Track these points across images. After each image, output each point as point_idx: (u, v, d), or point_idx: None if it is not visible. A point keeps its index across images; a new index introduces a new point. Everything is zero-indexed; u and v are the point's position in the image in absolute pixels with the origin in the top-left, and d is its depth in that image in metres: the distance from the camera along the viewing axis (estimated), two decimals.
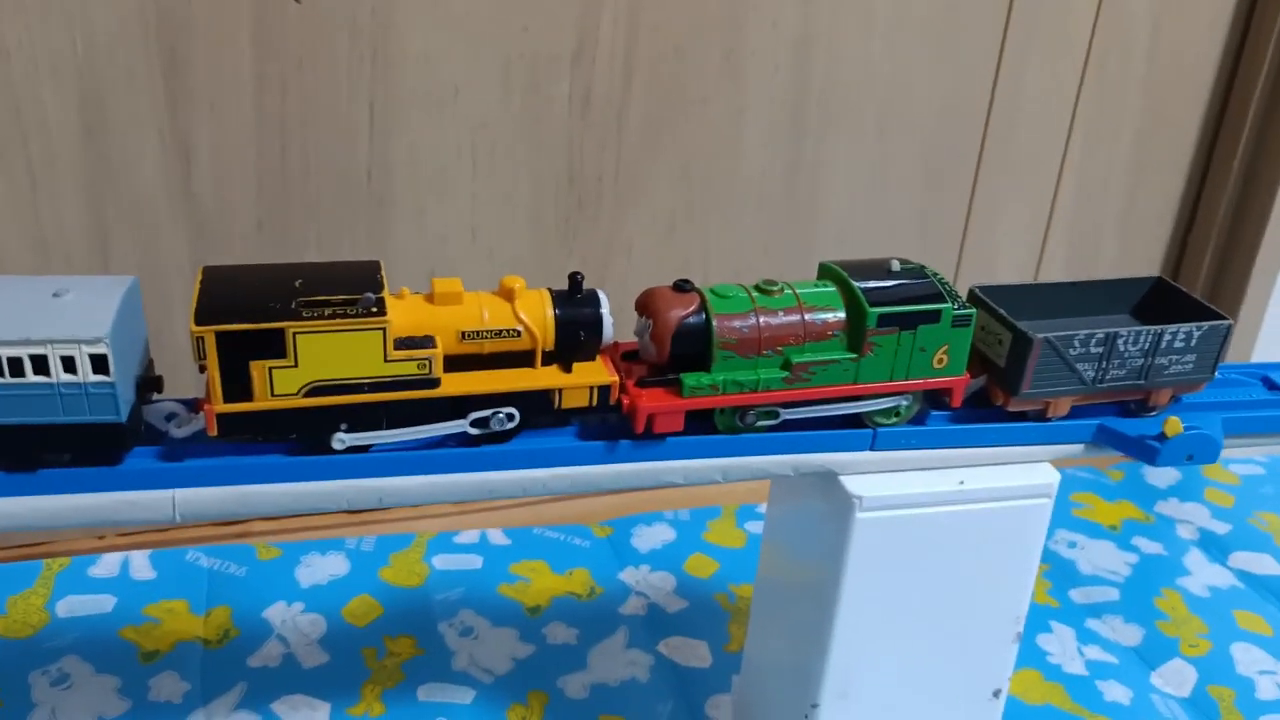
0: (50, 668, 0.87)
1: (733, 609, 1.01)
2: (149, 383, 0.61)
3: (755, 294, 0.65)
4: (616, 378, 0.63)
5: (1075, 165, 1.23)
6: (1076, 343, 0.68)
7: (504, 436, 0.62)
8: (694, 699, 0.90)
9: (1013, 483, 0.69)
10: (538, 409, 0.62)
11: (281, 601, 0.96)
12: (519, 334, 0.62)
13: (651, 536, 1.11)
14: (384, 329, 0.57)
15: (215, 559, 1.00)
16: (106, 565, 0.98)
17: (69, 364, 0.54)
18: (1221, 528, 1.21)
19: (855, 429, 0.67)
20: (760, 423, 0.65)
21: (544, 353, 0.63)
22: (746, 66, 1.05)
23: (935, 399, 0.70)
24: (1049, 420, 0.70)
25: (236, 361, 0.56)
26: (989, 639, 0.74)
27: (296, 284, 0.57)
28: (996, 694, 0.76)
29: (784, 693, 0.76)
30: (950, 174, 1.19)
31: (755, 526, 1.13)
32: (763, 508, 1.15)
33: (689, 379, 0.63)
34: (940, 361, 0.67)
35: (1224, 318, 0.72)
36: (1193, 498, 1.26)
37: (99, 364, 0.54)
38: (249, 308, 0.56)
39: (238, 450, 0.61)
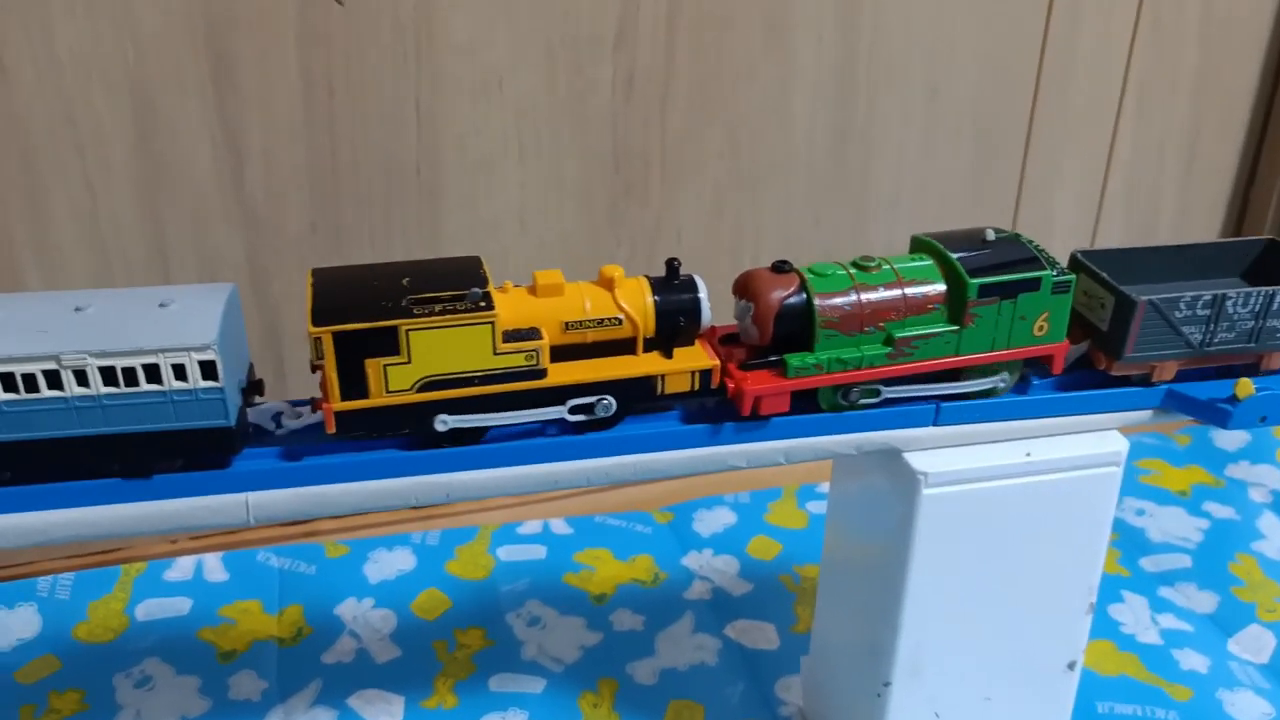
0: (133, 670, 0.89)
1: (798, 590, 1.01)
2: (252, 386, 0.63)
3: (854, 271, 0.65)
4: (717, 361, 0.64)
5: (1130, 123, 1.21)
6: (1182, 305, 0.67)
7: (607, 423, 0.63)
8: (764, 681, 0.90)
9: (1080, 452, 0.68)
10: (641, 395, 0.63)
11: (352, 598, 0.97)
12: (620, 322, 0.62)
13: (712, 520, 1.10)
14: (493, 323, 0.59)
15: (285, 559, 1.02)
16: (181, 569, 1.00)
17: (180, 371, 0.56)
18: None
19: (920, 405, 0.67)
20: (863, 400, 0.65)
21: (645, 339, 0.63)
22: (791, 36, 1.04)
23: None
24: (1153, 384, 0.69)
25: (352, 360, 0.58)
26: (1062, 611, 0.73)
27: (404, 282, 0.59)
28: (1071, 666, 0.75)
29: (855, 672, 0.75)
30: (1002, 136, 1.17)
31: (816, 506, 1.13)
32: (823, 487, 1.14)
33: (793, 359, 0.63)
34: (1041, 329, 0.66)
35: None
36: (1265, 460, 1.24)
37: (208, 370, 0.56)
38: (363, 307, 0.57)
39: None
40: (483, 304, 0.59)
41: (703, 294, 0.64)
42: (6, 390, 0.55)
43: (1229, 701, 0.89)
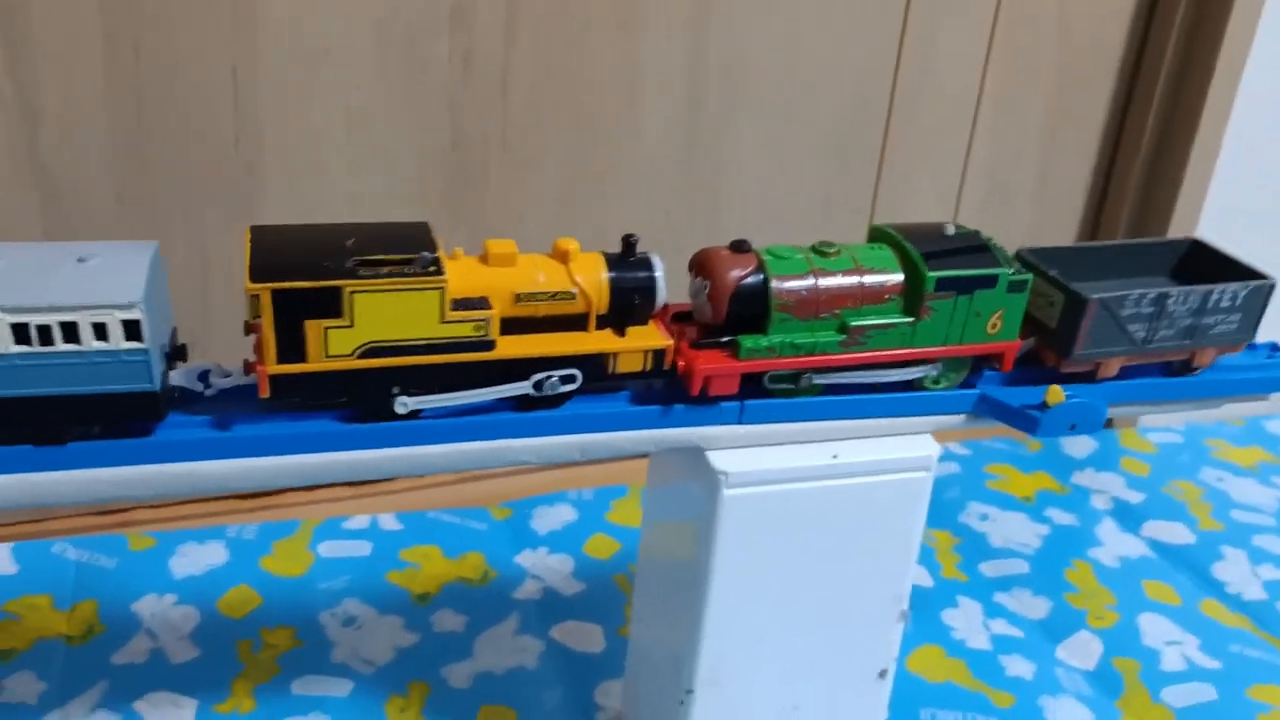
0: None
1: (631, 591, 0.98)
2: (176, 352, 0.59)
3: (812, 256, 0.64)
4: (671, 341, 0.62)
5: (985, 137, 1.20)
6: (1129, 303, 0.67)
7: (558, 400, 0.62)
8: (584, 686, 0.87)
9: (890, 456, 0.66)
10: (591, 373, 0.61)
11: (153, 594, 0.91)
12: (573, 296, 0.61)
13: (552, 517, 1.07)
14: (442, 289, 0.56)
15: (84, 550, 0.95)
16: None
17: (100, 331, 0.52)
18: (1136, 497, 1.19)
19: (725, 402, 0.64)
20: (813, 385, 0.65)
21: (597, 316, 0.62)
22: (639, 33, 1.01)
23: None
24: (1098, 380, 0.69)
25: (291, 321, 0.55)
26: (872, 619, 0.71)
27: (348, 243, 0.56)
28: (882, 674, 0.73)
29: (662, 678, 0.73)
30: (857, 145, 1.16)
31: None
32: None
33: (746, 341, 0.62)
34: (994, 326, 0.66)
35: (1265, 277, 0.71)
36: (1109, 467, 1.25)
37: (132, 330, 0.53)
38: (304, 266, 0.55)
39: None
40: (432, 269, 0.56)
41: (659, 272, 0.62)
42: None
43: (1050, 708, 0.88)
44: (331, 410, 0.59)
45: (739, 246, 0.63)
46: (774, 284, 0.62)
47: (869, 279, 0.64)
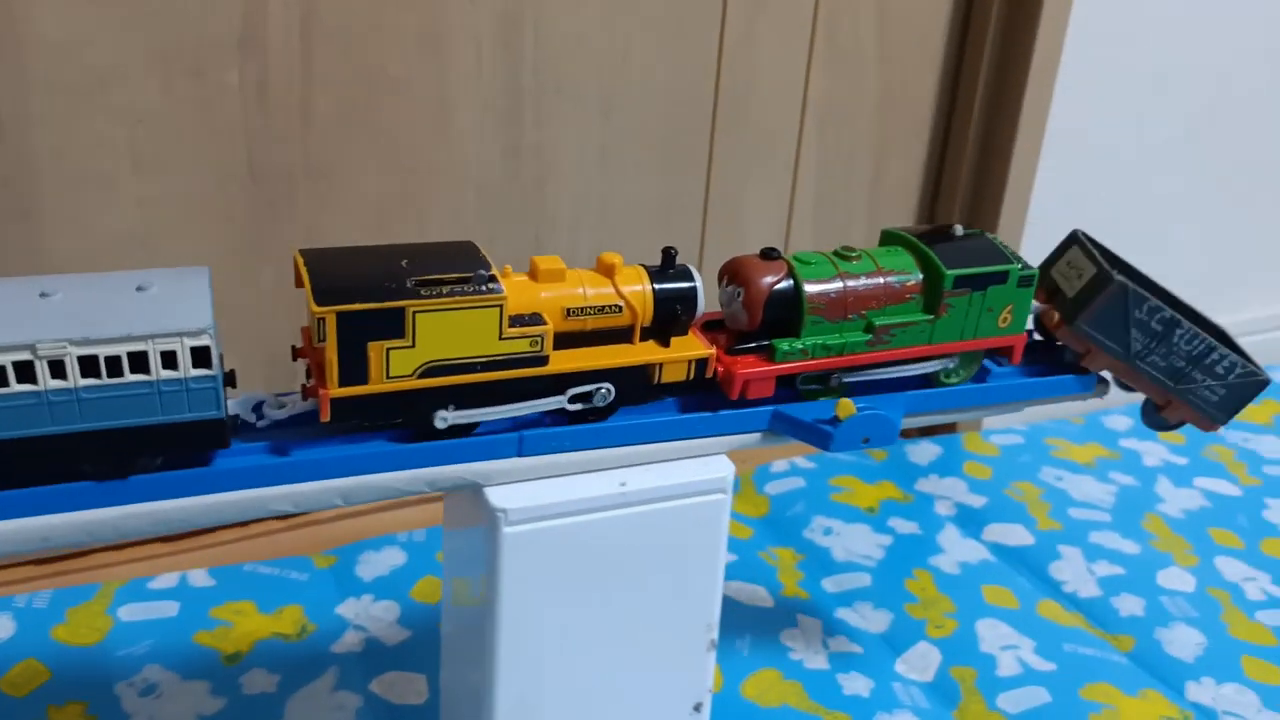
0: None
1: None
2: (226, 378, 0.57)
3: (837, 260, 0.67)
4: (713, 350, 0.64)
5: (814, 140, 1.20)
6: (1146, 307, 0.70)
7: (603, 413, 0.63)
8: None
9: (681, 480, 0.63)
10: (638, 384, 0.63)
11: None
12: (620, 310, 0.62)
13: (379, 563, 1.02)
14: (501, 305, 0.57)
15: None
16: None
17: (169, 359, 0.52)
18: (977, 501, 1.19)
19: (503, 434, 0.60)
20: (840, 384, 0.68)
21: (642, 328, 0.63)
22: (445, 45, 0.98)
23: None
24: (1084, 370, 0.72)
25: (355, 343, 0.55)
26: (680, 650, 0.68)
27: (403, 264, 0.56)
28: (698, 708, 0.70)
29: None
30: (685, 153, 1.14)
31: None
32: None
33: (781, 345, 0.65)
34: (1005, 320, 0.69)
35: (1263, 374, 0.74)
36: (952, 473, 1.25)
37: (201, 357, 0.52)
38: (367, 288, 0.55)
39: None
40: (491, 286, 0.57)
41: (699, 282, 0.64)
42: None
43: None
44: (387, 431, 0.60)
45: (768, 254, 0.66)
46: (807, 288, 0.65)
47: (892, 279, 0.67)
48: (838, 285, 0.66)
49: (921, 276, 0.68)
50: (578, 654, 0.65)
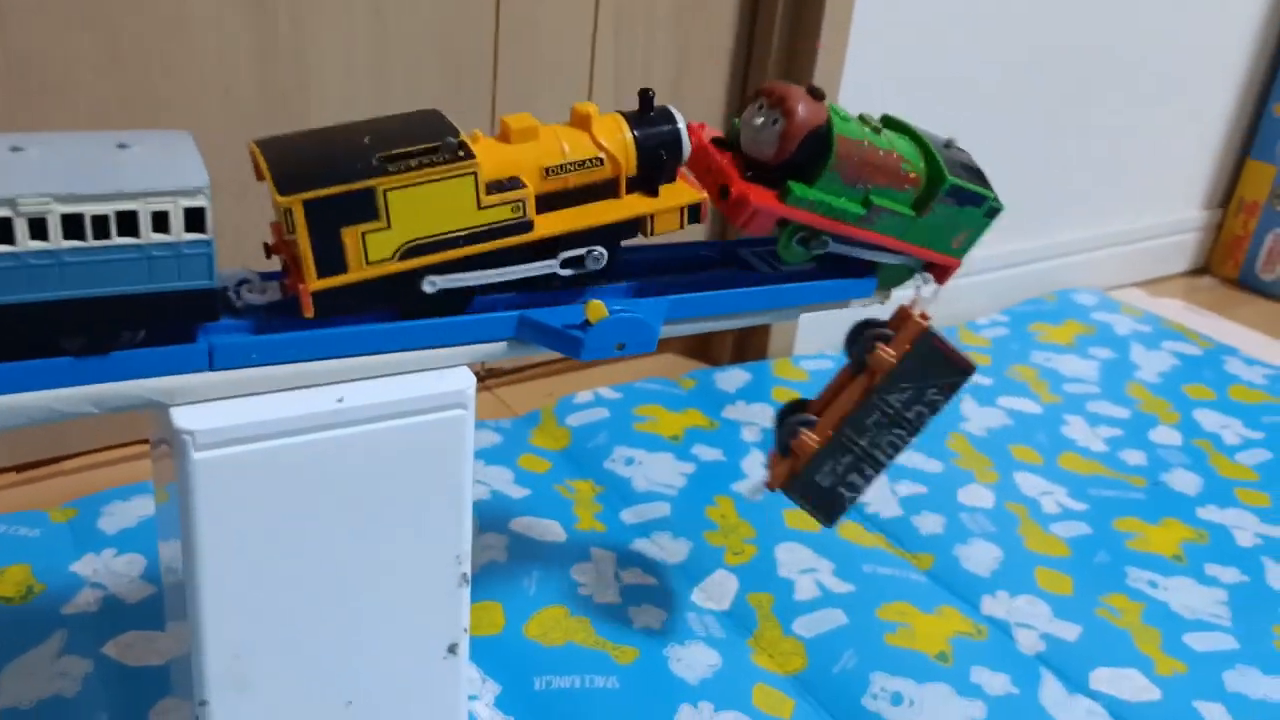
0: None
1: None
2: None
3: (865, 128, 0.64)
4: (705, 195, 0.61)
5: (608, 51, 1.13)
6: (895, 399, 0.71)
7: (598, 274, 0.60)
8: (138, 707, 0.73)
9: (410, 394, 0.56)
10: (629, 239, 0.60)
11: None
12: (601, 163, 0.59)
13: (126, 513, 0.91)
14: (475, 173, 0.54)
15: None
16: None
17: (160, 221, 0.47)
18: None
19: (187, 344, 0.52)
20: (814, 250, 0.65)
21: (627, 179, 0.60)
22: None
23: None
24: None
25: (328, 231, 0.52)
26: (430, 588, 0.61)
27: (365, 140, 0.53)
28: (453, 649, 0.63)
29: (187, 691, 0.60)
30: (467, 62, 1.05)
31: None
32: None
33: (796, 188, 0.62)
34: (958, 242, 0.69)
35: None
36: (760, 399, 1.21)
37: (195, 220, 0.48)
38: (331, 171, 0.51)
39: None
40: (461, 153, 0.53)
41: (682, 124, 0.60)
42: None
43: (676, 657, 0.82)
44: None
45: (815, 92, 0.61)
46: (838, 141, 0.62)
47: (903, 165, 0.65)
48: (864, 149, 0.63)
49: (923, 173, 0.66)
50: (300, 599, 0.57)
